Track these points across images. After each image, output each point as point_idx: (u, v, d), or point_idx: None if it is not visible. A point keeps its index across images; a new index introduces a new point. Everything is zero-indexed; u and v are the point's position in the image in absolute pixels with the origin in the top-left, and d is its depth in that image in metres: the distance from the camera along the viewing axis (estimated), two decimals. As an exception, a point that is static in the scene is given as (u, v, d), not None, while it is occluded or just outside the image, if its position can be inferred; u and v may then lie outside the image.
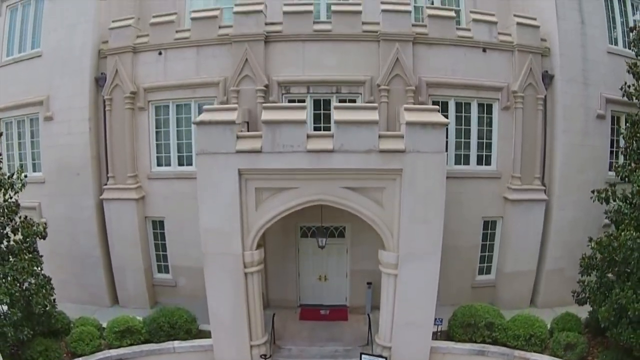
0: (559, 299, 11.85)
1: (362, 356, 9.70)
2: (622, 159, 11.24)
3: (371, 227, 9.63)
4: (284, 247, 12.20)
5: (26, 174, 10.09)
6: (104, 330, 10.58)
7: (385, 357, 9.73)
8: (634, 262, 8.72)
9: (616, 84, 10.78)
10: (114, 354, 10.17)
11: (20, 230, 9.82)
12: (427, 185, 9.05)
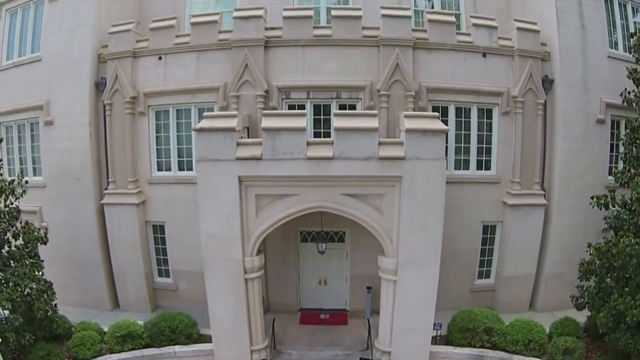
0: (558, 303, 11.86)
1: (362, 361, 9.78)
2: (621, 165, 11.26)
3: (371, 232, 9.66)
4: (284, 252, 12.24)
5: (27, 180, 10.15)
6: (105, 334, 10.64)
7: (384, 362, 9.80)
8: (633, 269, 8.75)
9: (616, 88, 10.77)
10: (115, 358, 10.22)
11: (21, 235, 9.88)
12: (426, 192, 9.07)
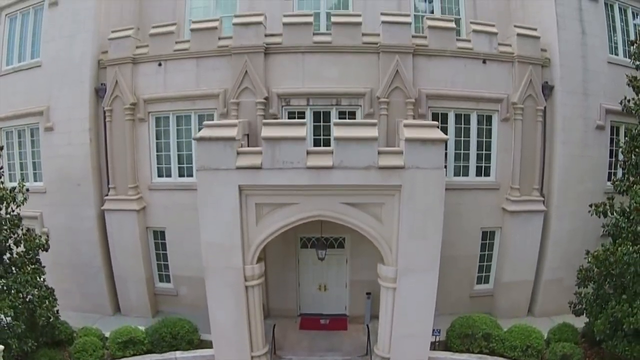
0: (557, 308, 11.95)
1: (361, 367, 9.88)
2: (620, 173, 11.28)
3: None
4: (284, 257, 12.30)
5: (28, 188, 10.17)
6: (106, 340, 10.72)
7: (383, 368, 9.88)
8: (630, 276, 8.80)
9: (616, 94, 10.80)
10: (117, 364, 10.34)
11: (22, 242, 9.94)
12: (426, 201, 9.10)
